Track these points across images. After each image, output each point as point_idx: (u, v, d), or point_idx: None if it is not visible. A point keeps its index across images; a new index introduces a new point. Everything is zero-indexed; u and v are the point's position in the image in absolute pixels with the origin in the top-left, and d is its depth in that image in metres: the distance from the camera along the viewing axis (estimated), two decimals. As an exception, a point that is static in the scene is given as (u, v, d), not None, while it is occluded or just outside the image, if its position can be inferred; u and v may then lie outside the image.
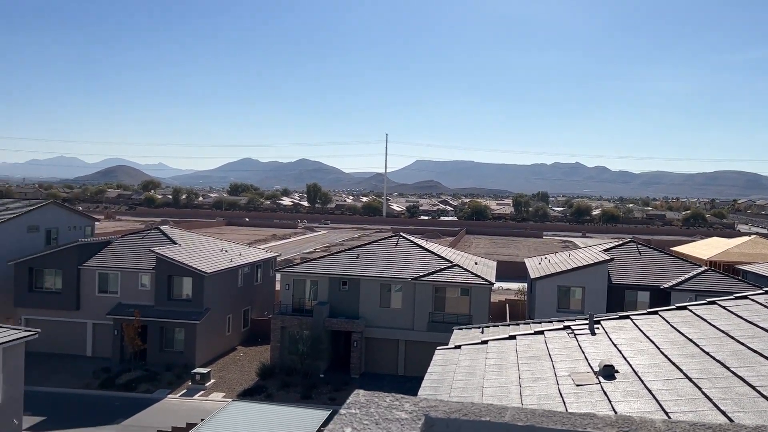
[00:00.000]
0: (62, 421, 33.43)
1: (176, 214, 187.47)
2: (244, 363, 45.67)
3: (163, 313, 44.38)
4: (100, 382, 40.25)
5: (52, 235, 53.99)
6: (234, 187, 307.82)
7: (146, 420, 34.35)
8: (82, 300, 46.50)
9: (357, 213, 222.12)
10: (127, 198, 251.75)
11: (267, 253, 59.71)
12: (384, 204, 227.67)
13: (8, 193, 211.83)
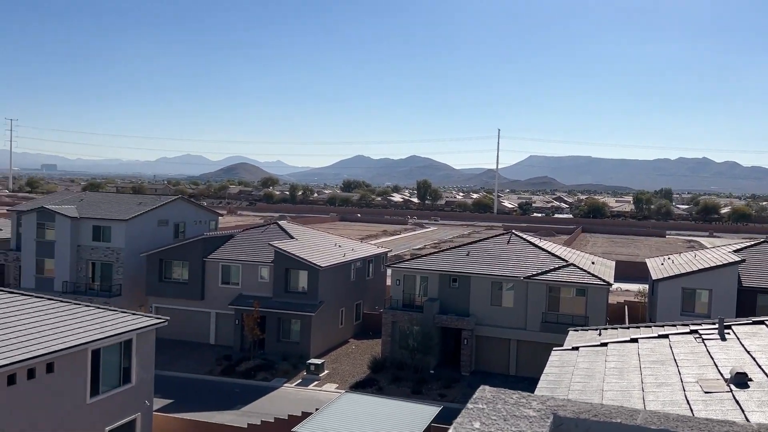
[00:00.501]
0: (188, 404, 35.50)
1: (292, 210, 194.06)
2: (356, 355, 46.58)
3: (280, 304, 46.09)
4: (222, 369, 42.39)
5: (180, 229, 57.37)
6: (347, 184, 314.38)
7: (264, 407, 35.82)
8: (206, 290, 49.16)
9: (467, 210, 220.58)
10: (248, 194, 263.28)
11: (378, 248, 60.55)
12: (495, 201, 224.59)
13: (140, 189, 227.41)
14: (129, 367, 25.53)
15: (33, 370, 21.15)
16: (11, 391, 20.40)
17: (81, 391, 23.20)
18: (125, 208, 54.55)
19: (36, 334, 22.18)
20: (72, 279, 52.01)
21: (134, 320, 26.06)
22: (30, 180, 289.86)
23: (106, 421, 24.46)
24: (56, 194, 68.90)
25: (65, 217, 52.21)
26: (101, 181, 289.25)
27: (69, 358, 22.46)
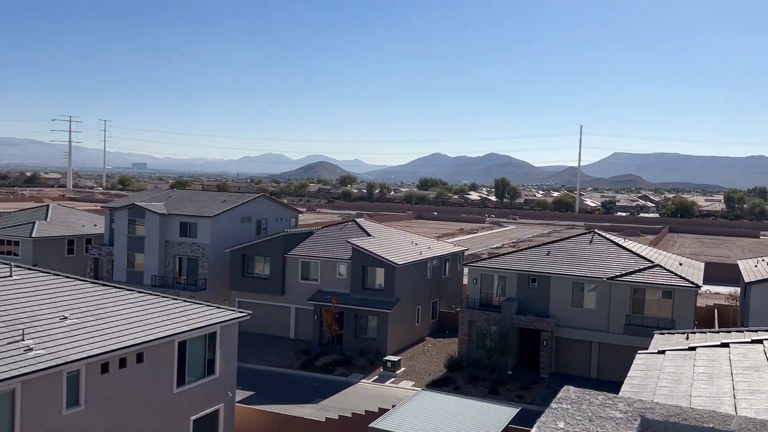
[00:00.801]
0: (268, 396, 36.42)
1: (370, 208, 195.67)
2: (432, 354, 46.53)
3: (357, 301, 46.60)
4: (301, 363, 43.26)
5: (262, 226, 58.90)
6: (423, 182, 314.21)
7: (341, 402, 36.32)
8: (286, 286, 50.28)
9: (547, 208, 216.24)
10: (326, 192, 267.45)
11: (455, 247, 60.24)
12: (577, 199, 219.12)
13: (225, 187, 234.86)
14: (213, 358, 26.43)
15: (124, 359, 22.21)
16: (104, 379, 21.50)
17: (168, 381, 24.20)
18: (210, 206, 56.47)
19: (127, 325, 23.29)
20: (160, 273, 54.30)
21: (218, 314, 26.95)
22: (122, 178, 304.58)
23: (191, 411, 25.41)
24: (146, 192, 72.12)
25: (154, 214, 54.53)
26: (188, 179, 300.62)
27: (157, 348, 23.47)
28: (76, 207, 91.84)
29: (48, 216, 63.24)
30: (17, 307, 21.89)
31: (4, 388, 18.20)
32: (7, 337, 19.85)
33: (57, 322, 21.78)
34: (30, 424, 19.08)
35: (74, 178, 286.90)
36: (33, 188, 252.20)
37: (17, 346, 19.53)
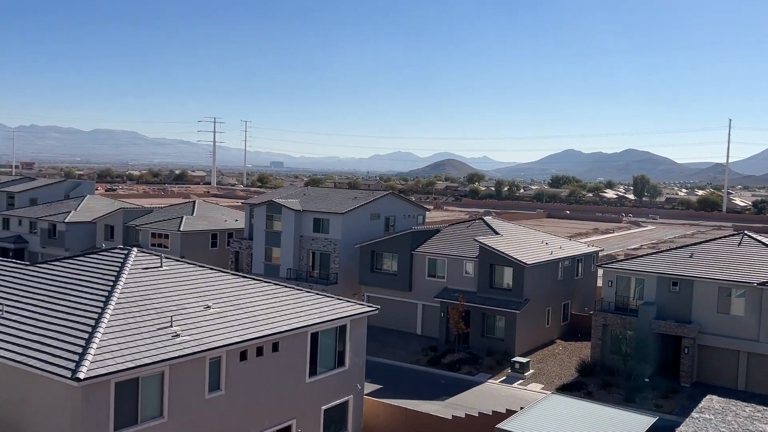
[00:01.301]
0: (395, 391, 36.90)
1: (498, 206, 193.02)
2: (563, 357, 45.15)
3: (484, 299, 46.12)
4: (427, 360, 43.47)
5: (390, 223, 59.79)
6: (555, 179, 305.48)
7: (468, 400, 36.10)
8: (413, 282, 50.71)
9: (690, 208, 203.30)
10: (454, 189, 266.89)
11: (588, 247, 58.05)
12: (724, 198, 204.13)
13: (355, 185, 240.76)
14: (343, 351, 27.18)
15: (261, 348, 23.36)
16: (243, 366, 22.73)
17: (301, 371, 25.17)
18: (342, 203, 58.10)
19: (264, 315, 24.47)
20: (295, 266, 56.58)
21: (349, 307, 27.67)
22: (261, 176, 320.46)
23: (322, 401, 26.27)
24: (283, 189, 75.43)
25: (290, 210, 56.90)
26: (321, 177, 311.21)
27: (292, 339, 24.47)
28: (219, 203, 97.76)
29: (194, 211, 67.75)
30: (166, 295, 23.63)
31: (155, 370, 19.71)
32: (158, 323, 21.49)
33: (201, 310, 23.29)
34: (176, 405, 20.54)
35: (218, 176, 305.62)
36: (181, 185, 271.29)
37: (166, 332, 21.08)
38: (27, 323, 21.23)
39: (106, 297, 22.11)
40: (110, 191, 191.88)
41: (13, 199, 78.12)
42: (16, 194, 78.30)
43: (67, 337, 19.77)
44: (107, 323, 20.42)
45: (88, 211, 70.73)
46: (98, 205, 74.10)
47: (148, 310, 22.09)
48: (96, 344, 19.10)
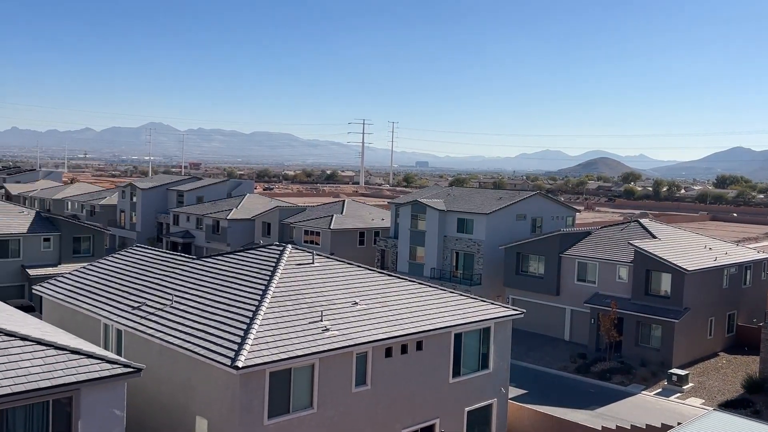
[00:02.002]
0: (541, 397, 35.96)
1: (655, 207, 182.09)
2: (726, 371, 41.77)
3: (639, 307, 43.71)
4: (576, 367, 41.94)
5: (537, 224, 58.38)
6: (721, 179, 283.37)
7: (619, 412, 34.41)
8: (561, 286, 49.13)
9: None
10: (607, 190, 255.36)
11: (759, 253, 53.22)
12: None
13: (500, 185, 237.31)
14: (487, 353, 26.90)
15: (406, 346, 23.69)
16: (388, 363, 23.16)
17: (444, 371, 25.22)
18: (486, 203, 57.55)
19: (409, 313, 24.79)
20: (438, 266, 56.84)
21: (493, 309, 27.35)
22: (406, 176, 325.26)
23: (466, 403, 26.16)
24: (427, 189, 76.07)
25: (435, 210, 57.25)
26: (465, 177, 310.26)
27: (435, 338, 24.60)
28: (366, 202, 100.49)
29: (343, 210, 70.13)
30: (317, 290, 24.64)
31: (306, 362, 20.61)
32: (309, 317, 22.45)
33: (349, 306, 24.03)
34: (325, 397, 21.35)
35: (366, 176, 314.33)
36: (332, 185, 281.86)
37: (317, 326, 21.97)
38: (193, 313, 23.01)
39: (263, 291, 23.43)
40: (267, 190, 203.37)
41: (183, 198, 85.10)
42: (185, 193, 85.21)
43: (228, 327, 21.20)
44: (263, 315, 21.64)
45: (247, 209, 75.49)
46: (257, 204, 78.86)
47: (300, 305, 23.15)
48: (253, 335, 20.30)
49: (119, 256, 31.18)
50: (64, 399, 15.77)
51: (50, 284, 29.17)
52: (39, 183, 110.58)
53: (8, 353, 16.06)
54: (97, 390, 16.20)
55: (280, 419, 20.07)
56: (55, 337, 18.40)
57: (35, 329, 19.22)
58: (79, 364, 16.33)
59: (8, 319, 20.20)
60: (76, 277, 29.25)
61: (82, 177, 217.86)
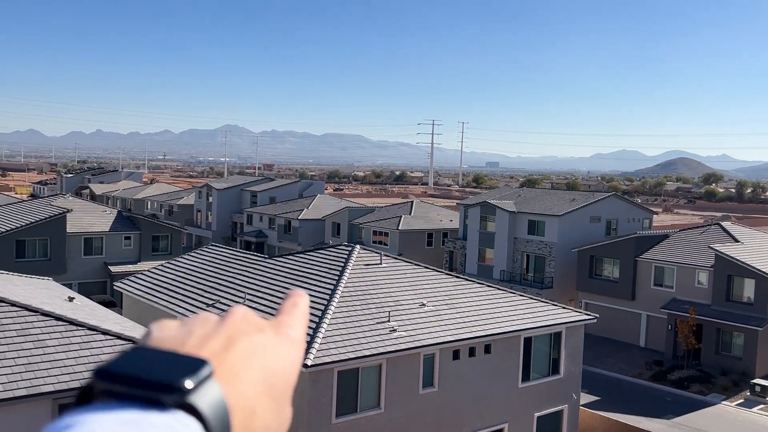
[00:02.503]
0: (614, 404, 34.94)
1: (739, 210, 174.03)
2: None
3: (720, 313, 41.88)
4: (651, 374, 40.58)
5: (612, 226, 56.76)
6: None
7: (697, 422, 33.07)
8: (637, 291, 47.61)
9: None
10: (686, 191, 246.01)
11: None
12: None
13: (574, 185, 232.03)
14: (558, 358, 26.36)
15: (474, 348, 23.49)
16: (455, 365, 23.03)
17: (513, 375, 24.87)
18: (559, 204, 56.39)
19: (477, 316, 24.57)
20: (508, 268, 56.09)
21: (564, 314, 26.78)
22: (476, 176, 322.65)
23: (535, 408, 25.72)
24: (497, 190, 75.22)
25: (504, 211, 56.53)
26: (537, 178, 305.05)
27: (504, 342, 24.28)
28: (435, 203, 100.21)
29: (412, 211, 70.18)
30: (385, 291, 24.74)
31: (373, 362, 20.73)
32: (376, 318, 22.57)
33: (417, 307, 24.02)
34: (392, 397, 21.41)
35: (434, 177, 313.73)
36: (401, 185, 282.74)
37: (384, 327, 22.07)
38: (265, 311, 23.51)
39: (332, 290, 23.72)
40: (338, 191, 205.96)
41: (256, 198, 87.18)
42: (258, 193, 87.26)
43: (297, 326, 21.54)
44: (332, 315, 21.90)
45: (318, 209, 76.63)
46: (327, 204, 79.94)
47: (368, 305, 23.30)
48: (322, 334, 20.58)
49: (195, 255, 32.22)
50: (142, 392, 16.40)
51: (130, 281, 30.43)
52: (121, 183, 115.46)
53: (90, 346, 16.84)
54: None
55: (347, 418, 20.27)
56: (134, 332, 19.18)
57: (115, 324, 20.09)
58: (156, 358, 16.95)
59: (91, 313, 21.19)
60: (154, 275, 30.40)
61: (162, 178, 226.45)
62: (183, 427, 0.79)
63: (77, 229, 48.25)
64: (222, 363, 0.87)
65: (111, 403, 0.81)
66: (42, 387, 15.27)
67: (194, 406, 0.81)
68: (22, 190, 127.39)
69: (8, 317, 17.36)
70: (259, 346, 0.93)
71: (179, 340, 0.90)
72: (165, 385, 0.81)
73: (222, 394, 0.84)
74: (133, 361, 0.84)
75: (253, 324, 0.96)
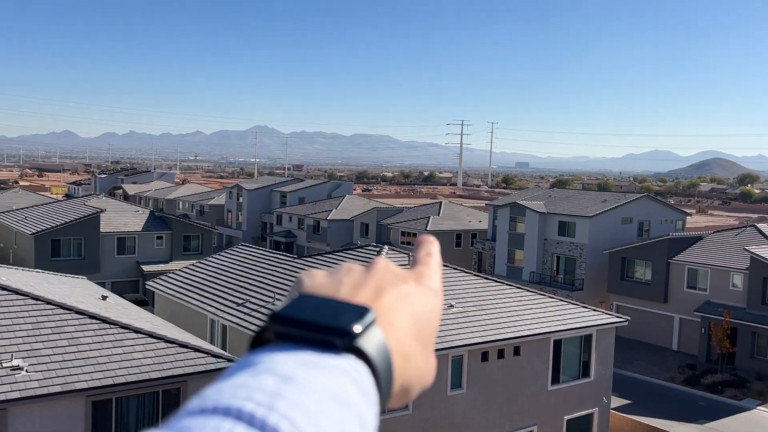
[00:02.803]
0: (645, 408, 34.43)
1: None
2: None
3: (755, 317, 41.01)
4: (684, 378, 39.91)
5: (644, 227, 55.95)
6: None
7: (730, 427, 32.45)
8: (669, 293, 46.87)
9: None
10: (720, 192, 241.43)
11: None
12: None
13: (606, 186, 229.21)
14: (588, 361, 26.08)
15: (503, 350, 23.35)
16: (484, 367, 22.91)
17: (543, 377, 24.66)
18: (589, 205, 55.76)
19: (506, 318, 24.42)
20: (538, 270, 55.62)
21: (595, 316, 26.48)
22: (506, 177, 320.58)
23: (565, 411, 25.47)
24: (527, 190, 74.69)
25: (534, 212, 56.07)
26: (568, 178, 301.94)
27: (533, 344, 24.09)
28: (464, 204, 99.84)
29: (440, 211, 70.01)
30: (413, 292, 24.68)
31: (401, 363, 20.73)
32: (405, 319, 22.54)
33: (445, 309, 23.94)
34: (420, 398, 21.36)
35: (463, 177, 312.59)
36: (429, 186, 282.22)
37: (412, 327, 22.04)
38: (293, 310, 23.66)
39: (360, 291, 23.75)
40: (366, 191, 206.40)
41: (285, 198, 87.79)
42: (288, 194, 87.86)
43: (326, 326, 21.65)
44: (360, 316, 21.93)
45: (346, 210, 76.88)
46: (355, 204, 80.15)
47: (396, 306, 23.29)
48: (350, 334, 20.63)
49: (225, 255, 32.57)
50: (173, 390, 16.63)
51: (162, 280, 30.86)
52: (153, 184, 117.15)
53: (123, 344, 17.12)
54: (203, 382, 16.96)
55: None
56: (165, 330, 19.44)
57: (147, 323, 20.40)
58: (186, 357, 17.18)
59: (123, 312, 21.54)
60: (186, 274, 30.79)
61: (193, 178, 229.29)
62: (354, 371, 0.83)
63: (110, 228, 49.10)
64: (376, 310, 0.90)
65: (286, 345, 0.85)
66: (76, 384, 15.57)
67: (363, 349, 0.85)
68: (57, 191, 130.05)
69: (44, 315, 17.74)
70: (406, 295, 0.96)
71: (332, 289, 0.94)
72: (336, 329, 0.85)
73: (384, 339, 0.88)
74: (302, 306, 0.88)
75: (396, 274, 0.99)
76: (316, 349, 0.84)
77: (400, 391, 0.91)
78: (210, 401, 0.76)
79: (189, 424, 0.73)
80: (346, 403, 0.80)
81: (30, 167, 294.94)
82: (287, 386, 0.78)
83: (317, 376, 0.80)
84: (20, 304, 17.95)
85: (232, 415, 0.72)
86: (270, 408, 0.74)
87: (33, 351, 16.33)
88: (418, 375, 0.93)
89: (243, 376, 0.80)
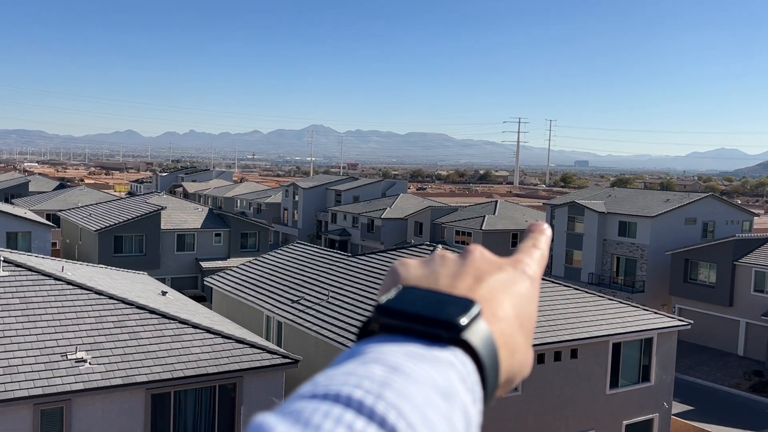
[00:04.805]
0: (709, 415, 33.24)
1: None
2: None
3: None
4: (750, 385, 38.37)
5: (708, 228, 54.04)
6: None
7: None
8: (735, 296, 45.12)
9: None
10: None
11: None
12: None
13: (668, 185, 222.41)
14: (648, 365, 25.32)
15: (560, 353, 22.87)
16: (540, 369, 22.48)
17: (601, 381, 24.05)
18: (652, 205, 54.18)
19: (563, 320, 23.90)
20: (597, 271, 54.36)
21: (656, 319, 25.68)
22: (564, 175, 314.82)
23: (624, 416, 24.79)
24: (586, 189, 73.11)
25: (593, 212, 54.83)
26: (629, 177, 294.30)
27: (591, 347, 23.52)
28: (520, 203, 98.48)
29: (496, 211, 69.22)
30: (468, 292, 24.44)
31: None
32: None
33: (500, 309, 23.61)
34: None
35: (520, 176, 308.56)
36: (485, 185, 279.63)
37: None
38: (347, 308, 23.75)
39: (414, 290, 23.65)
40: (420, 190, 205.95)
41: (340, 197, 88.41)
42: (342, 192, 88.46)
43: (379, 325, 21.63)
44: (414, 315, 21.83)
45: (400, 209, 76.84)
46: (409, 203, 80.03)
47: (450, 306, 23.09)
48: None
49: (281, 252, 32.95)
50: (229, 384, 16.89)
51: (220, 276, 31.45)
52: (212, 182, 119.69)
53: (181, 339, 17.49)
54: (258, 378, 17.19)
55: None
56: (222, 326, 19.77)
57: (205, 318, 20.79)
58: (243, 352, 17.42)
59: (182, 307, 22.02)
60: (243, 271, 31.30)
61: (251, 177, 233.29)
62: (461, 365, 0.81)
63: (171, 225, 50.37)
64: (479, 302, 0.88)
65: (394, 336, 0.84)
66: (136, 377, 15.98)
67: (469, 342, 0.83)
68: (120, 188, 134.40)
69: (106, 309, 18.28)
70: (505, 284, 0.93)
71: (431, 280, 0.91)
72: (443, 322, 0.83)
73: (490, 331, 0.85)
74: (408, 298, 0.86)
75: (493, 262, 0.96)
76: (422, 342, 0.83)
77: (502, 385, 0.88)
78: (321, 387, 0.77)
79: (301, 407, 0.73)
80: (453, 397, 0.78)
81: (95, 165, 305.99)
82: (395, 376, 0.76)
83: (425, 368, 0.79)
84: (84, 298, 18.55)
85: (342, 401, 0.73)
86: (378, 396, 0.73)
87: (96, 344, 16.85)
88: (521, 367, 0.91)
89: (352, 364, 0.80)
